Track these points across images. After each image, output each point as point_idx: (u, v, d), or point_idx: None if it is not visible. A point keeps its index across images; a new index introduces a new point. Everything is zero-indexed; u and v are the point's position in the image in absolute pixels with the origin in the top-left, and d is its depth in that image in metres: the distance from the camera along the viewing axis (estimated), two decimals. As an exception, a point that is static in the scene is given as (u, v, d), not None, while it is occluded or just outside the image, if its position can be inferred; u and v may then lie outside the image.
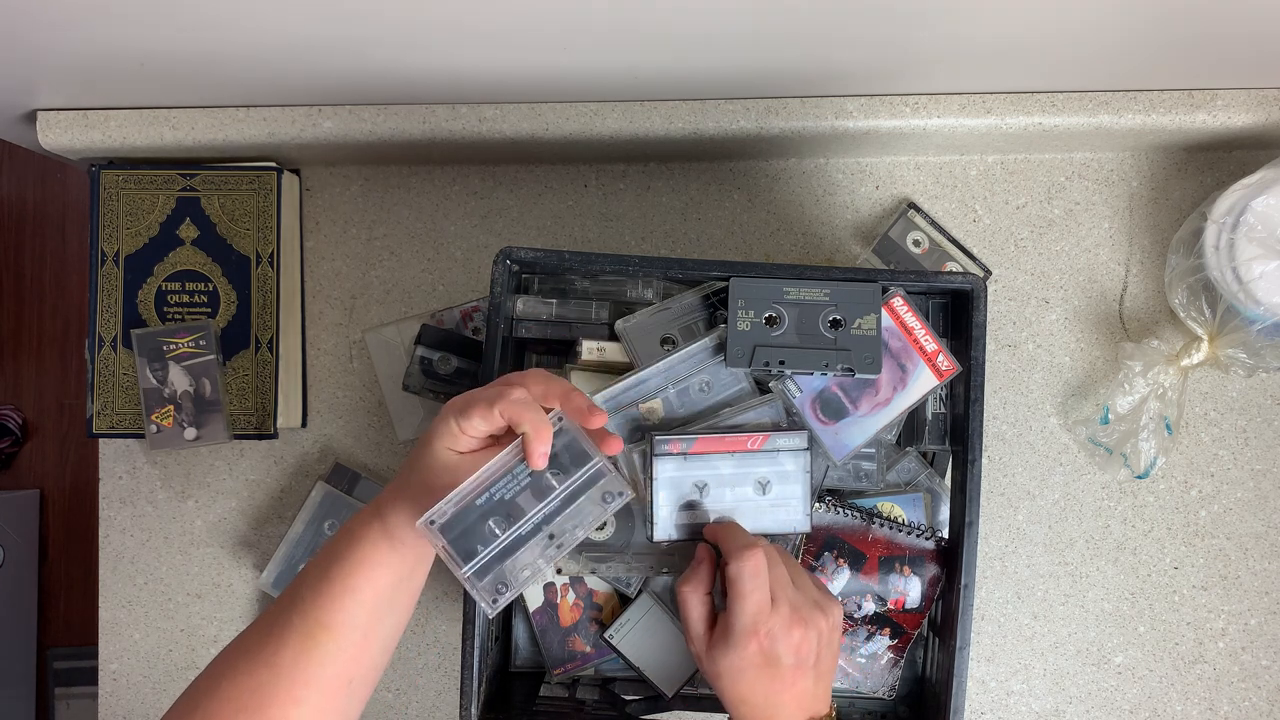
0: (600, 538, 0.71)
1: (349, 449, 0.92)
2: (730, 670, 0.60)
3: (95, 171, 0.89)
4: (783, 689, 0.60)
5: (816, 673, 0.61)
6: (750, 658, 0.59)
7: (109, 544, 0.92)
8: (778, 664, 0.59)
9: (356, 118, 0.85)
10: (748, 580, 0.59)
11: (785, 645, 0.59)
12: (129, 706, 0.92)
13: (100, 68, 0.76)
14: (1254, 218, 0.79)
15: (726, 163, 0.92)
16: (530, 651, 0.78)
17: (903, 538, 0.74)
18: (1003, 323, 0.90)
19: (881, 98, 0.84)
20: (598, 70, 0.77)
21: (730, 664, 0.60)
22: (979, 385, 0.70)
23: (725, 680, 0.60)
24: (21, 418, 1.87)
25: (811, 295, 0.70)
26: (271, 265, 0.89)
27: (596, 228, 0.92)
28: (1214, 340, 0.83)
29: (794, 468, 0.69)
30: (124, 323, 0.88)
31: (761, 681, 0.60)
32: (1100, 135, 0.86)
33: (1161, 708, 0.88)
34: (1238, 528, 0.89)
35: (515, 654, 0.78)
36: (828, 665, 0.62)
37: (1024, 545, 0.89)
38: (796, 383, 0.72)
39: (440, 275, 0.92)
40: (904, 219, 0.88)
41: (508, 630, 0.78)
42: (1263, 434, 0.89)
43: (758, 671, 0.59)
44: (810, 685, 0.61)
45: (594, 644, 0.75)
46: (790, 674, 0.60)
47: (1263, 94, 0.83)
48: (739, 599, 0.60)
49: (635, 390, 0.70)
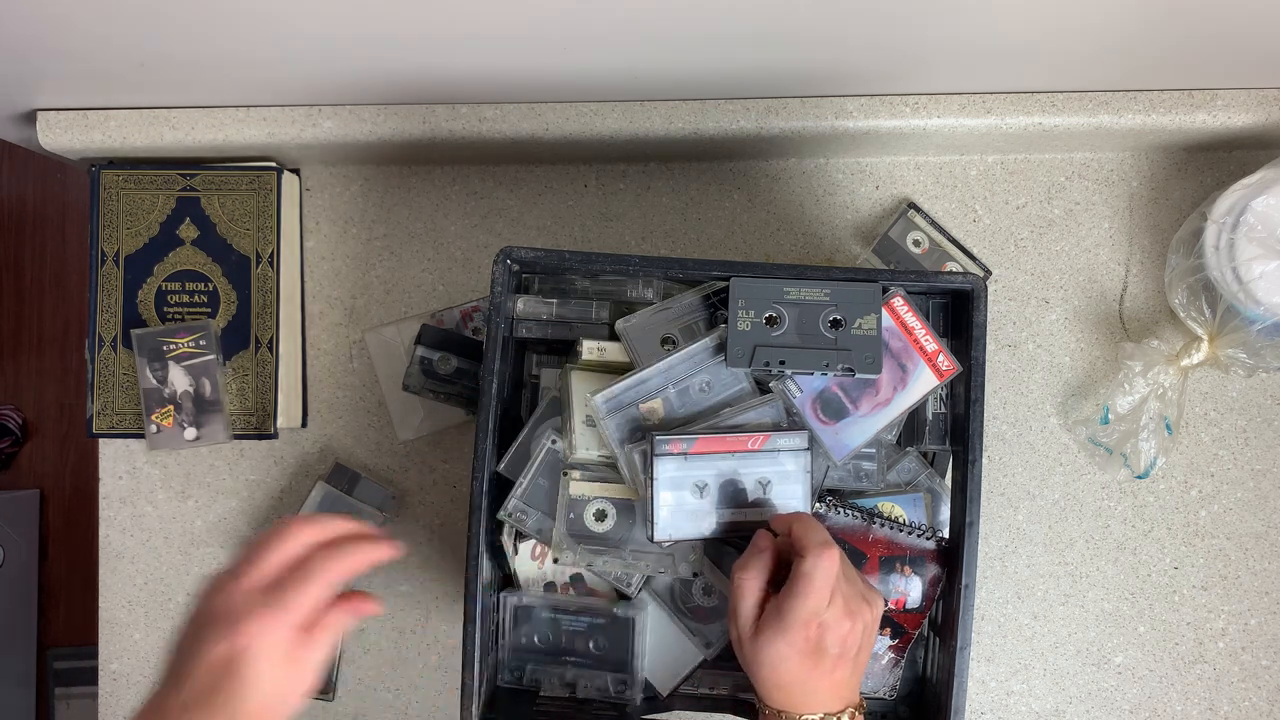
0: (600, 530, 0.71)
1: (349, 449, 0.92)
2: (774, 656, 0.60)
3: (95, 171, 0.89)
4: (822, 676, 0.61)
5: (855, 663, 0.62)
6: (798, 645, 0.60)
7: (109, 544, 0.92)
8: (823, 653, 0.60)
9: (356, 118, 0.85)
10: (819, 578, 0.60)
11: (834, 636, 0.60)
12: (129, 706, 0.92)
13: (100, 68, 0.76)
14: (1254, 218, 0.79)
15: (726, 163, 0.92)
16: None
17: (903, 538, 0.74)
18: (1003, 323, 0.90)
19: (881, 98, 0.84)
20: (598, 70, 0.77)
21: (776, 650, 0.60)
22: (979, 385, 0.70)
23: (766, 667, 0.61)
24: (21, 418, 1.87)
25: (812, 295, 0.70)
26: (271, 265, 0.89)
27: (596, 228, 0.92)
28: (1214, 340, 0.83)
29: (794, 468, 0.69)
30: (124, 323, 0.88)
31: (804, 669, 0.60)
32: (1100, 135, 0.86)
33: (1161, 708, 0.88)
34: (1238, 528, 0.89)
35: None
36: (865, 656, 0.63)
37: (1024, 545, 0.89)
38: (797, 383, 0.72)
39: (440, 275, 0.92)
40: (904, 219, 0.88)
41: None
42: (1263, 434, 0.89)
43: (802, 659, 0.60)
44: (847, 675, 0.62)
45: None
46: (832, 663, 0.60)
47: (1263, 94, 0.83)
48: (804, 594, 0.60)
49: (635, 390, 0.70)
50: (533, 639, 0.74)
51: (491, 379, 0.70)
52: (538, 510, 0.72)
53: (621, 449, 0.69)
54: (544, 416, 0.75)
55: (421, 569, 0.91)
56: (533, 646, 0.74)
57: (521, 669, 0.74)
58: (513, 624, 0.74)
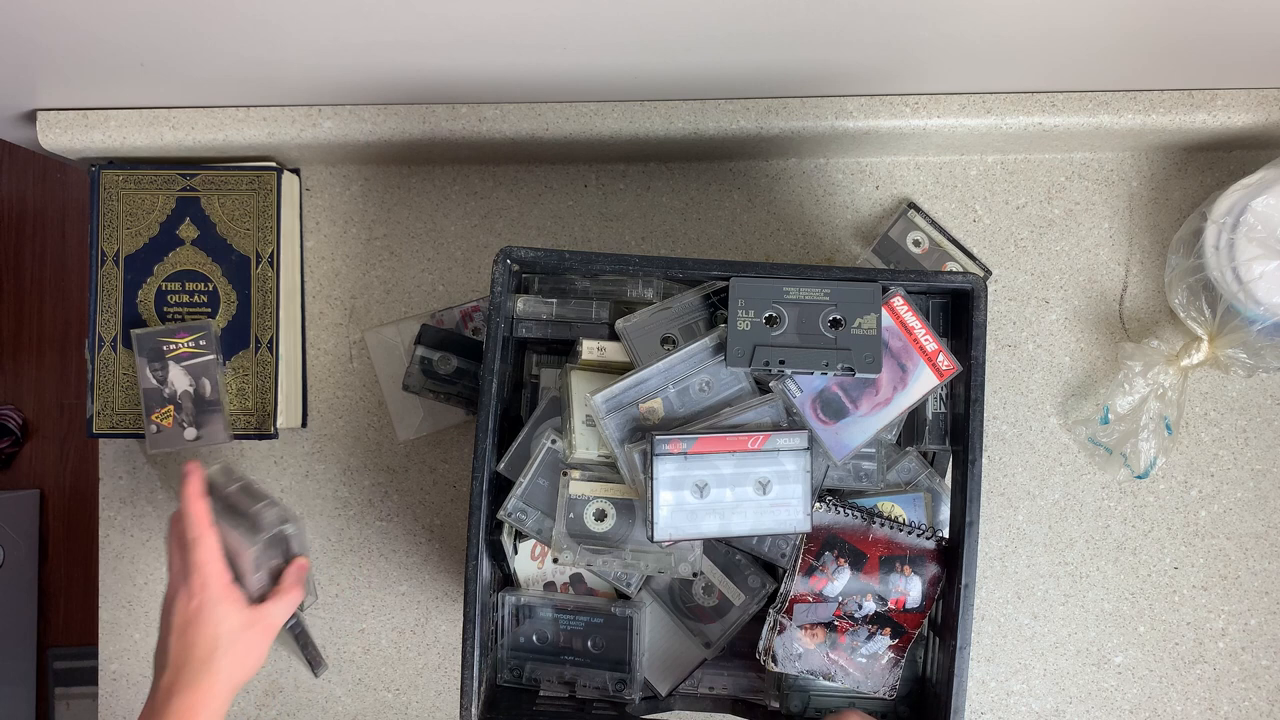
0: (600, 529, 0.71)
1: (349, 449, 0.92)
2: None
3: (95, 171, 0.89)
4: None
5: None
6: None
7: (109, 544, 0.92)
8: None
9: (356, 118, 0.85)
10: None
11: None
12: (129, 706, 0.92)
13: (100, 68, 0.76)
14: (1254, 218, 0.79)
15: (726, 163, 0.92)
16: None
17: (903, 537, 0.74)
18: (1003, 323, 0.90)
19: (881, 98, 0.84)
20: (598, 70, 0.77)
21: None
22: (979, 385, 0.70)
23: None
24: (21, 418, 1.87)
25: (811, 295, 0.70)
26: (271, 265, 0.89)
27: (596, 228, 0.92)
28: (1214, 340, 0.83)
29: (794, 467, 0.69)
30: (124, 323, 0.88)
31: None
32: (1100, 135, 0.86)
33: (1161, 708, 0.88)
34: (1238, 528, 0.89)
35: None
36: None
37: (1024, 545, 0.89)
38: (797, 382, 0.72)
39: (440, 275, 0.92)
40: (904, 219, 0.88)
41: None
42: (1263, 434, 0.89)
43: None
44: None
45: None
46: None
47: (1263, 94, 0.83)
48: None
49: (635, 390, 0.70)
50: (532, 638, 0.74)
51: (491, 379, 0.70)
52: (537, 510, 0.72)
53: (621, 449, 0.69)
54: (544, 416, 0.75)
55: (421, 569, 0.91)
56: (532, 646, 0.74)
57: (521, 668, 0.74)
58: (513, 623, 0.74)
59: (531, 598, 0.75)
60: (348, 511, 0.92)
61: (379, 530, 0.91)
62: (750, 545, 0.74)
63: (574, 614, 0.74)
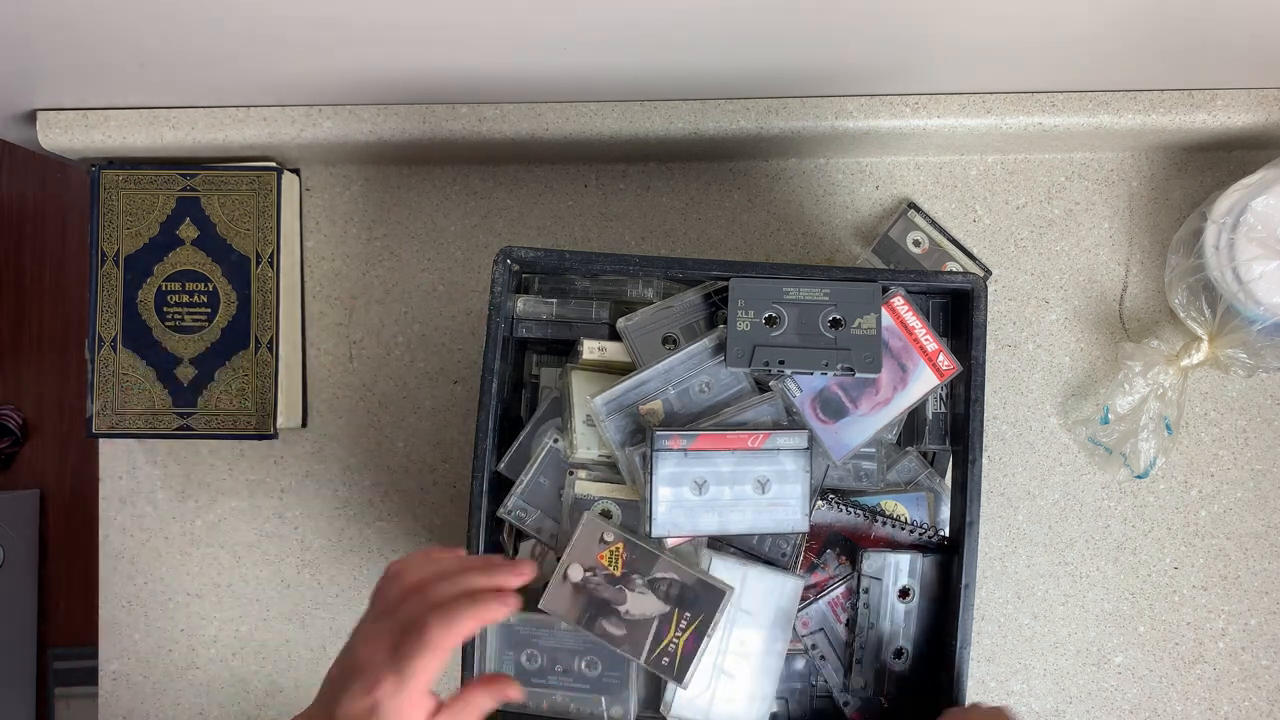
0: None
1: (349, 449, 0.92)
2: None
3: (95, 171, 0.89)
4: None
5: None
6: None
7: (109, 544, 0.92)
8: None
9: (356, 118, 0.85)
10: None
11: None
12: (129, 706, 0.92)
13: (100, 68, 0.76)
14: (1254, 218, 0.79)
15: (726, 163, 0.92)
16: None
17: (904, 536, 0.74)
18: (1003, 323, 0.90)
19: (881, 98, 0.84)
20: (598, 70, 0.77)
21: None
22: (979, 385, 0.70)
23: None
24: (21, 418, 1.87)
25: (811, 295, 0.70)
26: (271, 265, 0.89)
27: (596, 228, 0.92)
28: (1214, 340, 0.83)
29: (794, 467, 0.69)
30: (124, 323, 0.88)
31: None
32: (1100, 135, 0.86)
33: (1161, 708, 0.88)
34: (1238, 528, 0.89)
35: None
36: None
37: (1024, 545, 0.89)
38: (796, 382, 0.72)
39: (440, 275, 0.92)
40: (904, 219, 0.88)
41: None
42: (1263, 434, 0.89)
43: None
44: None
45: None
46: None
47: (1263, 94, 0.83)
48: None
49: (636, 392, 0.70)
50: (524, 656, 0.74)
51: (491, 379, 0.70)
52: (538, 509, 0.72)
53: (622, 451, 0.69)
54: (544, 416, 0.75)
55: (421, 569, 0.91)
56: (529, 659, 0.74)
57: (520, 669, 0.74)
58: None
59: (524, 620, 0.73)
60: (348, 511, 0.92)
61: (379, 530, 0.91)
62: (750, 544, 0.74)
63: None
